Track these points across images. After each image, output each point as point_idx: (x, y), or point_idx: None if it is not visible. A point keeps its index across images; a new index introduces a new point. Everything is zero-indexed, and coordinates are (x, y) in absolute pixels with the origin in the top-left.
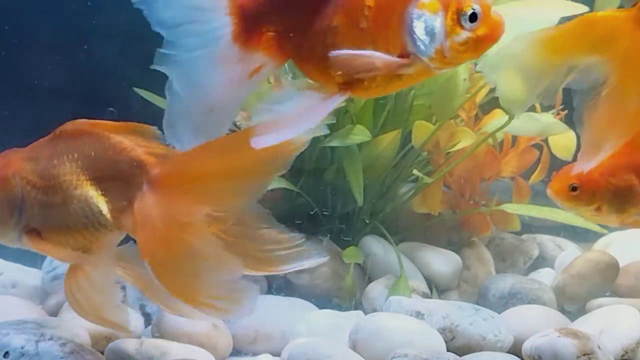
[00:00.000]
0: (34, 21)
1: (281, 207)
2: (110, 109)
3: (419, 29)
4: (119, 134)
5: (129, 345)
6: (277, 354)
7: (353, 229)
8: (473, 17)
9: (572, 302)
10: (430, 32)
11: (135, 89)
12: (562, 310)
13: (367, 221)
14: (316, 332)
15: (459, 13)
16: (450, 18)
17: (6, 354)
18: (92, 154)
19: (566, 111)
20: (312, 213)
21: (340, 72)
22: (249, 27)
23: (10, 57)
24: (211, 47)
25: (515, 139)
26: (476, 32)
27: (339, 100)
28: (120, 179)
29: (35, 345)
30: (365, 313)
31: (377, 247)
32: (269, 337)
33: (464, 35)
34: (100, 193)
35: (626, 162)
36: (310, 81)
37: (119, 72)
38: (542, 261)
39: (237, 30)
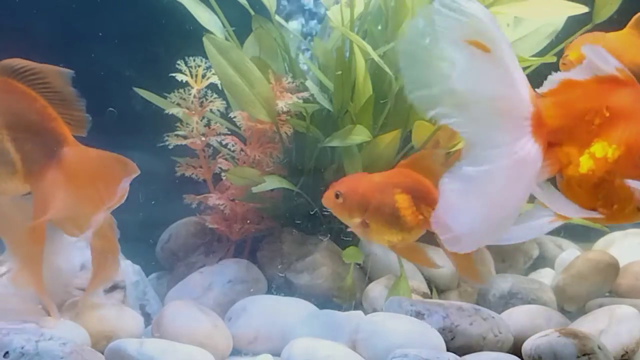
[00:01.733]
0: (33, 21)
1: (281, 207)
2: (110, 109)
3: None
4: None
5: (129, 345)
6: (277, 354)
7: None
8: None
9: (572, 302)
10: None
11: (135, 89)
12: (562, 310)
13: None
14: (316, 332)
15: None
16: None
17: (6, 354)
18: (18, 113)
19: None
20: (312, 213)
21: (604, 199)
22: (544, 137)
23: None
24: (513, 154)
25: None
26: None
27: (595, 216)
28: (38, 143)
29: (35, 345)
30: (365, 313)
31: (377, 247)
32: (269, 337)
33: None
34: (16, 150)
35: (399, 182)
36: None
37: (119, 72)
38: (542, 261)
39: (535, 135)
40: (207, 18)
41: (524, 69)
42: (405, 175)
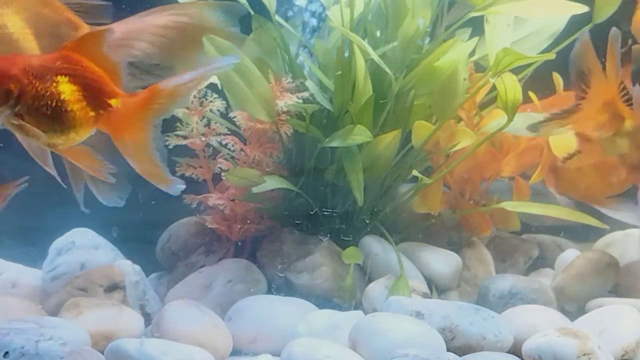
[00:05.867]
0: None
1: (281, 207)
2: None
3: None
4: None
5: (129, 345)
6: (277, 354)
7: (353, 229)
8: None
9: (572, 302)
10: None
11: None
12: (562, 310)
13: (367, 221)
14: (316, 332)
15: None
16: None
17: (6, 354)
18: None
19: None
20: (312, 213)
21: None
22: None
23: None
24: None
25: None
26: None
27: None
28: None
29: (35, 345)
30: (365, 313)
31: (377, 247)
32: (269, 337)
33: None
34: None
35: (64, 68)
36: None
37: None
38: (542, 261)
39: None
40: None
41: (524, 67)
42: (73, 61)
